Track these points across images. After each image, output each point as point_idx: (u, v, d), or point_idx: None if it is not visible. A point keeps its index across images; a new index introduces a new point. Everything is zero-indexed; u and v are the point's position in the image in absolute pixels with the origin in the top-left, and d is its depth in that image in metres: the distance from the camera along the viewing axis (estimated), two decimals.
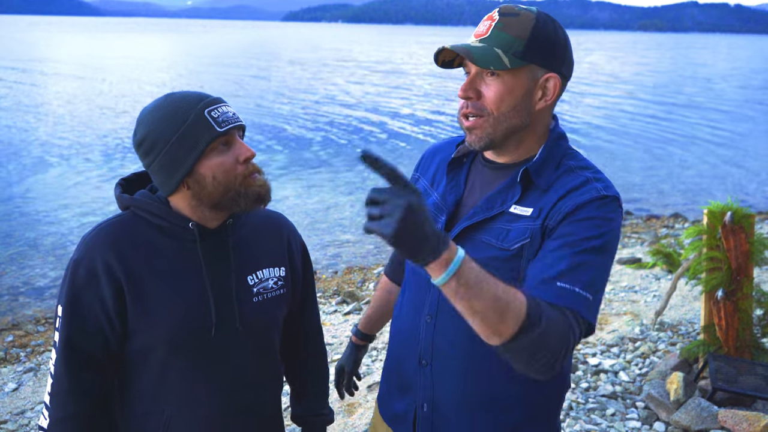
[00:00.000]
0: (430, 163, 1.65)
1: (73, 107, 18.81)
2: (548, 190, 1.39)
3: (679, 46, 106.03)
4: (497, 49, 1.34)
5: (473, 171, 1.53)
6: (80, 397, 1.42)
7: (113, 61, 37.50)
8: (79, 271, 1.41)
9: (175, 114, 1.40)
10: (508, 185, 1.42)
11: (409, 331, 1.54)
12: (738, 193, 11.46)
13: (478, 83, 1.37)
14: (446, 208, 1.50)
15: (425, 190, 1.60)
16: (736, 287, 3.55)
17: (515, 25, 1.36)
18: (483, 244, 1.40)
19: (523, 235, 1.36)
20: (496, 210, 1.41)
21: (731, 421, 3.08)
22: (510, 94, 1.36)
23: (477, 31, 1.40)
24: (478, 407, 1.46)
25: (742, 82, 37.27)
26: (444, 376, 1.48)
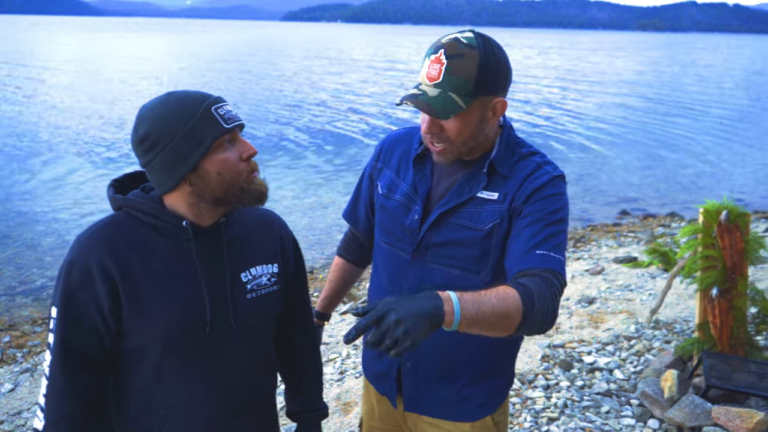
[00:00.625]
0: (391, 154, 1.83)
1: (71, 108, 18.81)
2: (509, 177, 1.63)
3: (678, 46, 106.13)
4: (451, 94, 1.52)
5: (437, 164, 1.73)
6: (75, 398, 1.42)
7: (112, 61, 37.49)
8: (73, 271, 1.41)
9: (181, 111, 1.41)
10: (474, 174, 1.66)
11: None
12: (734, 192, 11.48)
13: (439, 120, 1.56)
14: (420, 197, 1.71)
15: (391, 180, 1.79)
16: (730, 285, 3.56)
17: (463, 67, 1.51)
18: (458, 226, 1.65)
19: (493, 216, 1.62)
20: (466, 196, 1.64)
21: (724, 417, 3.10)
22: (467, 126, 1.57)
23: (429, 75, 1.55)
24: (452, 360, 1.75)
25: (740, 82, 37.31)
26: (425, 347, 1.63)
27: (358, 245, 2.05)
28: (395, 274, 1.76)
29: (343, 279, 2.10)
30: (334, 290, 2.12)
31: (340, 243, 2.12)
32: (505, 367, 1.83)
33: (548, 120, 19.40)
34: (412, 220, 1.71)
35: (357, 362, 4.44)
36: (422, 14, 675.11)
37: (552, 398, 3.69)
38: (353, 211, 2.00)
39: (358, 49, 64.28)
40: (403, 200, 1.74)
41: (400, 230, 1.74)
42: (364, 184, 1.93)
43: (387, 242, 1.80)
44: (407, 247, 1.73)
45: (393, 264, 1.77)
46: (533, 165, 1.64)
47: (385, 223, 1.80)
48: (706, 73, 42.91)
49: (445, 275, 1.68)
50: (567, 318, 5.00)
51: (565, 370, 4.04)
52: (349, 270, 2.10)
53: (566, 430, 3.37)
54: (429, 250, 1.69)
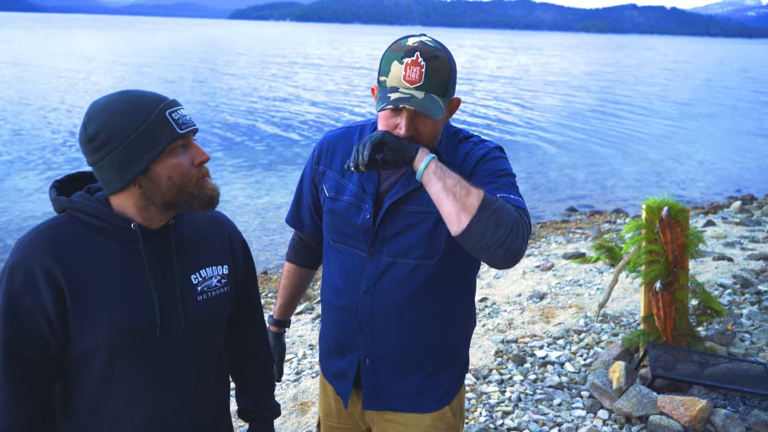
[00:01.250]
0: (333, 154, 1.84)
1: (7, 108, 18.09)
2: (453, 162, 1.70)
3: (620, 47, 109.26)
4: (435, 96, 1.59)
5: None
6: (20, 405, 1.39)
7: (52, 60, 36.21)
8: (15, 276, 1.38)
9: (135, 112, 1.38)
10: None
11: (347, 303, 1.81)
12: (675, 188, 11.94)
13: (416, 123, 1.62)
14: (369, 196, 1.75)
15: (336, 182, 1.81)
16: (673, 279, 3.70)
17: (439, 69, 1.59)
18: (409, 212, 1.71)
19: None
20: (414, 185, 1.69)
21: (669, 406, 3.23)
22: (438, 128, 1.67)
23: (409, 78, 1.57)
24: (409, 354, 1.79)
25: (682, 81, 38.70)
26: (381, 335, 1.78)
27: (307, 248, 2.06)
28: (351, 272, 1.79)
29: (297, 284, 2.11)
30: (290, 296, 2.12)
31: (288, 249, 2.12)
32: (461, 357, 1.89)
33: (496, 120, 19.72)
34: (364, 219, 1.74)
35: (314, 362, 4.44)
36: (372, 14, 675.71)
37: (506, 392, 3.77)
38: (296, 216, 2.00)
39: (309, 49, 63.87)
40: (353, 200, 1.77)
41: (353, 230, 1.77)
42: (305, 187, 1.94)
43: (340, 242, 1.82)
44: (362, 245, 1.76)
45: (347, 262, 1.80)
46: (471, 144, 1.74)
47: (336, 225, 1.82)
48: (647, 73, 44.34)
49: (401, 267, 1.73)
50: (519, 314, 5.11)
51: (518, 364, 4.13)
52: (302, 274, 2.10)
53: (520, 423, 3.45)
54: (384, 243, 1.73)
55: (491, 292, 5.73)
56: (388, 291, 1.74)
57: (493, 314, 5.19)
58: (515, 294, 5.66)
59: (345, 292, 1.81)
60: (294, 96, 23.63)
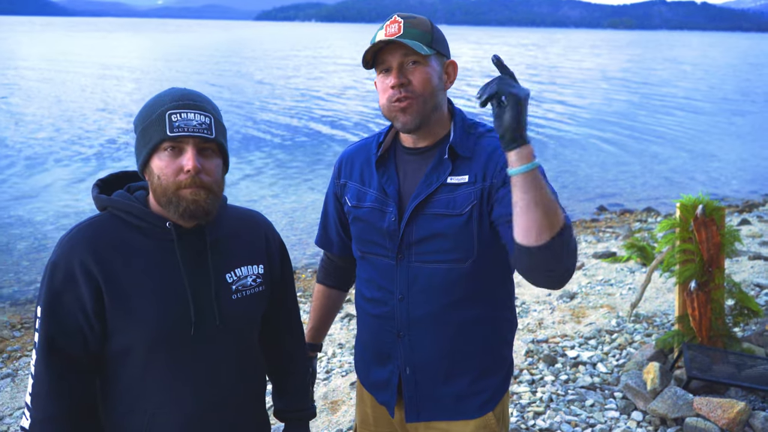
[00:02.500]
0: (352, 166, 1.84)
1: (43, 109, 18.48)
2: (473, 157, 1.66)
3: (650, 43, 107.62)
4: (416, 41, 1.60)
5: (399, 162, 1.75)
6: (61, 398, 1.42)
7: (84, 64, 36.89)
8: (56, 272, 1.41)
9: (149, 108, 1.46)
10: (437, 162, 1.68)
11: (384, 312, 1.76)
12: (708, 186, 11.71)
13: (404, 72, 1.62)
14: (391, 198, 1.71)
15: (357, 190, 1.79)
16: (708, 278, 3.64)
17: (418, 24, 1.63)
18: (434, 216, 1.66)
19: (469, 198, 1.63)
20: (435, 184, 1.66)
21: (706, 408, 3.17)
22: (430, 77, 1.63)
23: (389, 33, 1.61)
24: (451, 361, 1.74)
25: (713, 78, 37.97)
26: (420, 342, 1.74)
27: (337, 268, 2.02)
28: (382, 281, 1.75)
29: (328, 305, 2.06)
30: (321, 318, 2.07)
31: (319, 270, 2.09)
32: (505, 360, 1.83)
33: None
34: (389, 222, 1.70)
35: (343, 361, 4.45)
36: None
37: (537, 393, 3.74)
38: (325, 235, 1.98)
39: (336, 49, 64.07)
40: (376, 205, 1.74)
41: (379, 235, 1.73)
42: (330, 205, 1.92)
43: (368, 251, 1.78)
44: (389, 251, 1.72)
45: (378, 272, 1.76)
46: (494, 141, 1.66)
47: (362, 233, 1.78)
48: (680, 70, 43.59)
49: (433, 272, 1.68)
50: (549, 313, 5.07)
51: (549, 364, 4.09)
52: (332, 296, 2.06)
53: (552, 423, 3.42)
54: (412, 248, 1.69)
55: (521, 292, 5.69)
56: (423, 297, 1.70)
57: (522, 314, 5.15)
58: (545, 293, 5.61)
59: (379, 301, 1.77)
60: (324, 96, 23.72)
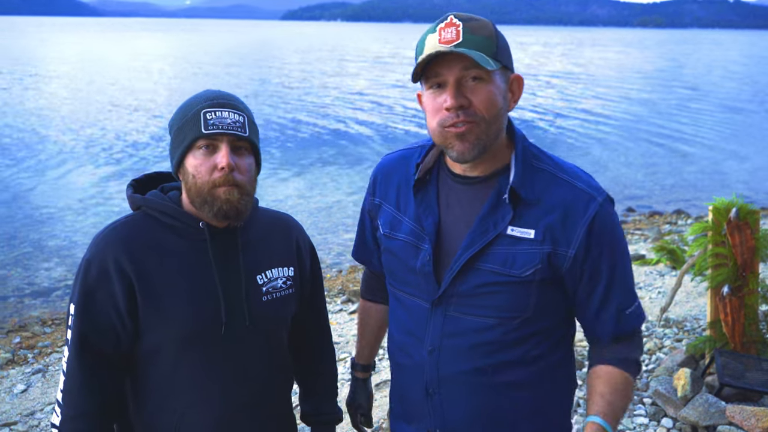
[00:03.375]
0: (387, 184, 1.57)
1: (76, 108, 18.84)
2: (540, 204, 1.38)
3: (682, 42, 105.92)
4: (479, 52, 1.30)
5: (443, 189, 1.47)
6: (92, 395, 1.43)
7: (117, 63, 37.48)
8: (90, 270, 1.43)
9: (185, 107, 1.47)
10: (494, 204, 1.39)
11: (412, 364, 1.52)
12: (740, 188, 11.48)
13: (464, 91, 1.33)
14: (427, 234, 1.44)
15: (392, 216, 1.53)
16: (742, 283, 3.56)
17: (480, 28, 1.34)
18: (487, 271, 1.39)
19: (533, 261, 1.36)
20: (491, 234, 1.38)
21: (739, 416, 3.09)
22: (496, 97, 1.35)
23: (445, 39, 1.32)
24: (489, 426, 1.48)
25: (746, 77, 37.23)
26: (453, 402, 1.48)
27: (380, 283, 1.75)
28: (412, 326, 1.51)
29: (376, 323, 1.83)
30: (369, 336, 1.85)
31: (361, 284, 1.87)
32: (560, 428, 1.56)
33: (554, 117, 19.38)
34: (423, 262, 1.45)
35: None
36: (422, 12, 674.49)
37: None
38: (362, 249, 1.75)
39: (361, 48, 64.19)
40: (410, 239, 1.48)
41: (412, 275, 1.49)
42: (366, 221, 1.69)
43: (399, 288, 1.55)
44: (423, 294, 1.47)
45: (408, 314, 1.52)
46: (568, 188, 1.39)
47: (393, 269, 1.55)
48: (713, 69, 42.82)
49: (474, 326, 1.42)
50: None
51: (577, 369, 4.04)
52: (378, 311, 1.82)
53: (579, 429, 3.37)
54: (453, 298, 1.43)
55: None
56: (457, 353, 1.44)
57: None
58: None
59: (408, 349, 1.52)
60: (346, 96, 23.78)
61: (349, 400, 1.89)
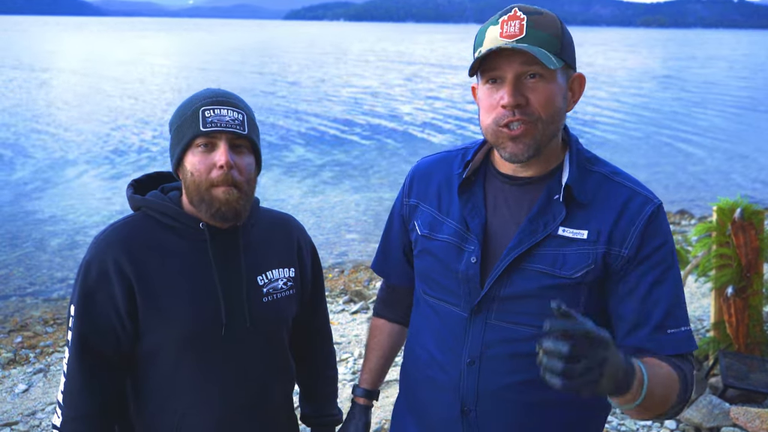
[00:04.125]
0: (427, 185, 1.51)
1: (78, 108, 18.86)
2: (591, 205, 1.33)
3: (686, 41, 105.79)
4: (542, 49, 1.26)
5: (490, 190, 1.41)
6: (93, 396, 1.43)
7: (119, 61, 37.56)
8: (90, 271, 1.43)
9: (184, 106, 1.47)
10: (545, 203, 1.34)
11: (446, 379, 1.41)
12: (744, 189, 11.44)
13: (522, 88, 1.28)
14: (475, 234, 1.38)
15: (432, 217, 1.46)
16: (746, 284, 3.55)
17: (546, 24, 1.29)
18: (534, 272, 1.32)
19: (586, 261, 1.30)
20: (541, 234, 1.32)
21: (743, 418, 3.08)
22: (555, 96, 1.30)
23: (507, 33, 1.27)
24: None
25: (751, 77, 37.15)
26: (492, 421, 1.38)
27: (399, 301, 1.68)
28: (448, 338, 1.41)
29: (389, 344, 1.71)
30: (379, 359, 1.71)
31: (377, 301, 1.76)
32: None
33: None
34: (468, 264, 1.37)
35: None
36: (425, 12, 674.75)
37: None
38: (384, 261, 1.66)
39: (364, 47, 64.23)
40: (453, 240, 1.40)
41: (452, 279, 1.40)
42: (395, 226, 1.60)
43: (434, 296, 1.45)
44: (463, 301, 1.38)
45: (442, 324, 1.42)
46: (623, 190, 1.34)
47: (430, 272, 1.45)
48: (718, 68, 42.75)
49: (518, 335, 1.34)
50: None
51: None
52: (393, 331, 1.71)
53: None
54: (495, 304, 1.35)
55: None
56: (498, 365, 1.35)
57: None
58: None
59: (441, 364, 1.42)
60: (349, 96, 23.78)
61: (342, 429, 1.73)
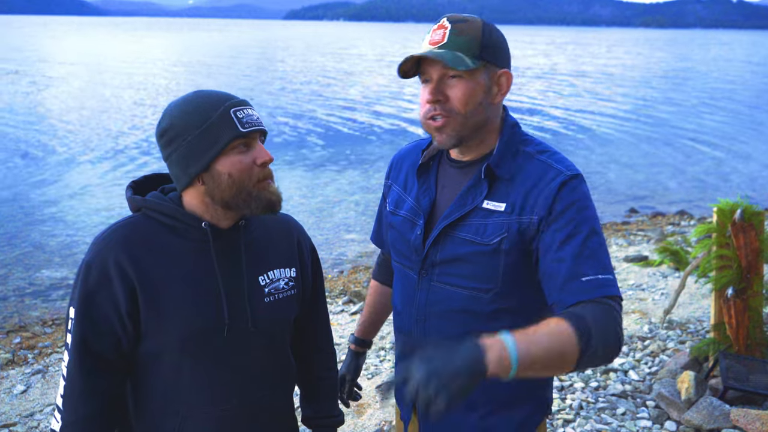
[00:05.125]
0: (400, 169, 1.76)
1: (79, 108, 18.85)
2: (512, 180, 1.50)
3: (686, 43, 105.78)
4: (458, 53, 1.45)
5: (441, 173, 1.63)
6: (92, 400, 1.42)
7: (119, 61, 37.54)
8: (91, 272, 1.41)
9: (202, 108, 1.43)
10: (474, 182, 1.54)
11: (408, 330, 1.67)
12: (744, 189, 11.43)
13: (443, 87, 1.48)
14: (422, 211, 1.62)
15: (399, 196, 1.71)
16: (746, 285, 3.53)
17: (467, 30, 1.48)
18: (462, 240, 1.53)
19: (501, 229, 1.49)
20: (468, 207, 1.53)
21: (744, 420, 3.07)
22: (473, 93, 1.48)
23: (432, 40, 1.49)
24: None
25: (751, 77, 37.14)
26: None
27: (389, 267, 1.93)
28: (405, 295, 1.67)
29: (381, 302, 2.00)
30: (373, 314, 2.01)
31: (375, 265, 2.04)
32: (532, 397, 1.64)
33: (555, 118, 19.36)
34: (415, 235, 1.62)
35: (369, 363, 4.43)
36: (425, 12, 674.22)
37: (567, 400, 3.67)
38: (377, 233, 1.93)
39: (364, 47, 64.21)
40: (408, 215, 1.66)
41: (407, 247, 1.65)
42: (382, 204, 1.87)
43: (397, 261, 1.72)
44: (414, 265, 1.63)
45: (403, 284, 1.69)
46: (541, 165, 1.50)
47: (394, 242, 1.72)
48: (713, 70, 42.75)
49: (453, 295, 1.56)
50: None
51: (580, 371, 4.02)
52: (385, 293, 1.99)
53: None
54: (435, 268, 1.58)
55: None
56: (440, 321, 1.59)
57: None
58: None
59: (402, 315, 1.70)
60: (349, 95, 23.78)
61: (341, 371, 2.01)
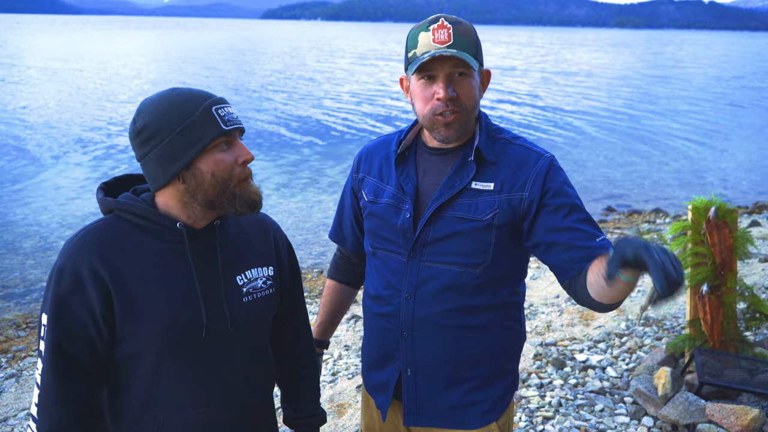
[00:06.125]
0: (371, 162, 1.83)
1: (52, 108, 18.53)
2: (497, 163, 1.65)
3: (659, 43, 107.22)
4: (466, 53, 1.58)
5: (420, 161, 1.74)
6: (68, 407, 1.38)
7: (93, 61, 37.00)
8: (63, 276, 1.38)
9: (182, 106, 1.40)
10: (461, 164, 1.66)
11: (388, 311, 1.75)
12: (717, 187, 11.63)
13: (452, 84, 1.59)
14: (408, 196, 1.70)
15: (376, 186, 1.79)
16: (720, 282, 3.58)
17: (466, 32, 1.61)
18: (455, 218, 1.64)
19: (492, 206, 1.62)
20: (458, 187, 1.64)
21: (719, 414, 3.12)
22: (474, 90, 1.63)
23: (439, 39, 1.58)
24: (453, 365, 1.71)
25: (721, 78, 37.76)
26: (423, 343, 1.71)
27: (349, 264, 2.00)
28: (391, 279, 1.73)
29: (338, 301, 2.03)
30: (330, 314, 2.04)
31: (331, 265, 2.06)
32: (509, 371, 1.79)
33: (532, 116, 19.50)
34: (404, 219, 1.69)
35: (349, 363, 4.42)
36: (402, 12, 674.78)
37: (546, 397, 3.70)
38: (339, 230, 1.97)
39: (343, 47, 64.05)
40: (391, 201, 1.72)
41: (393, 232, 1.72)
42: (347, 199, 1.91)
43: (380, 247, 1.77)
44: (402, 248, 1.71)
45: (387, 269, 1.75)
46: (520, 149, 1.67)
47: (376, 229, 1.77)
48: (688, 70, 43.38)
49: (444, 273, 1.66)
50: (558, 316, 5.02)
51: (558, 368, 4.05)
52: (343, 291, 2.03)
53: (561, 429, 3.37)
54: (426, 248, 1.67)
55: (528, 294, 5.64)
56: (429, 298, 1.68)
57: (531, 316, 5.10)
58: (553, 295, 5.56)
59: (386, 299, 1.75)
60: (327, 95, 23.71)
61: None
